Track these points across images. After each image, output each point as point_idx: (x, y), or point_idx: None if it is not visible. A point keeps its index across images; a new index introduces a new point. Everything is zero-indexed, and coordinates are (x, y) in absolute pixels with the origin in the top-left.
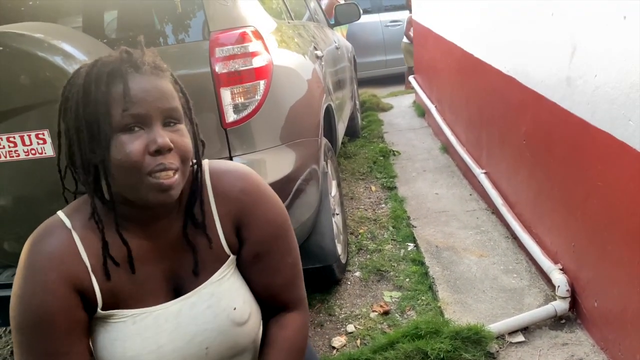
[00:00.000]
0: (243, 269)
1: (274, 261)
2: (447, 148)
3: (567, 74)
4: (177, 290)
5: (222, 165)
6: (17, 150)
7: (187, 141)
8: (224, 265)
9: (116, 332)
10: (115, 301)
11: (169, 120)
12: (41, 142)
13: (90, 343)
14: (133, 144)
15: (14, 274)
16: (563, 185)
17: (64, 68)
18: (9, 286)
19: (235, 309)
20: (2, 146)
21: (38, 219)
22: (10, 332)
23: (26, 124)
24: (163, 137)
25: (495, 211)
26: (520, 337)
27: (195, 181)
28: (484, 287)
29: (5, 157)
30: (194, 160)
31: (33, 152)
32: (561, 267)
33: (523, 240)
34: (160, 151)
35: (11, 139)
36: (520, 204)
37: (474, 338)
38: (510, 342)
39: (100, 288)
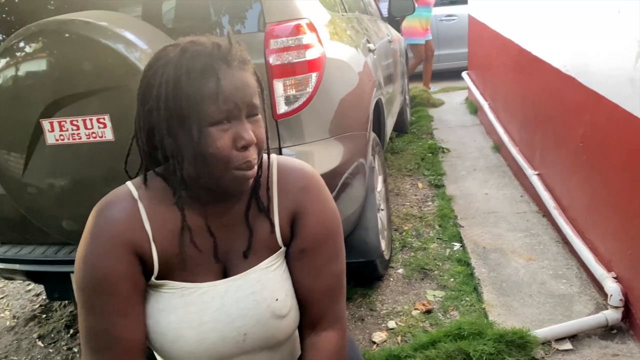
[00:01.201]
0: (289, 263)
1: (318, 262)
2: (499, 147)
3: (632, 75)
4: (225, 271)
5: (289, 162)
6: (79, 134)
7: (263, 132)
8: (274, 255)
9: (164, 303)
10: (168, 272)
11: (251, 113)
12: (102, 126)
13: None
14: (222, 139)
15: (71, 251)
16: (621, 191)
17: (126, 56)
18: (66, 262)
19: (277, 300)
20: (65, 129)
21: (94, 200)
22: (65, 306)
23: (88, 109)
24: (248, 132)
25: (546, 214)
26: (567, 345)
27: (261, 168)
28: (532, 291)
29: (69, 139)
30: None
31: (94, 135)
32: (615, 276)
33: (575, 246)
34: (245, 147)
35: (74, 122)
36: (574, 207)
37: (519, 342)
38: (557, 349)
39: (158, 257)
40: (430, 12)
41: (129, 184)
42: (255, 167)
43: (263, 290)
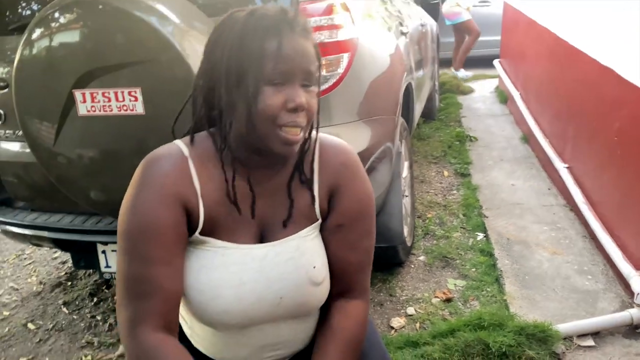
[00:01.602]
0: (324, 236)
1: (352, 237)
2: (528, 138)
3: None
4: (262, 236)
5: (330, 139)
6: (110, 106)
7: (316, 103)
8: (311, 226)
9: (205, 260)
10: (212, 230)
11: (306, 81)
12: (133, 99)
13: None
14: (275, 97)
15: (98, 222)
16: None
17: (159, 29)
18: (93, 232)
19: (314, 267)
20: (97, 100)
21: (122, 172)
22: (90, 275)
23: (120, 82)
24: (301, 97)
25: (574, 208)
26: (589, 341)
27: (308, 141)
28: (555, 285)
29: (100, 111)
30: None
31: (125, 108)
32: None
33: (602, 242)
34: (295, 109)
35: (106, 94)
36: (604, 203)
37: (540, 336)
38: (579, 345)
39: (205, 212)
40: None
41: (178, 142)
42: (302, 134)
43: (302, 257)
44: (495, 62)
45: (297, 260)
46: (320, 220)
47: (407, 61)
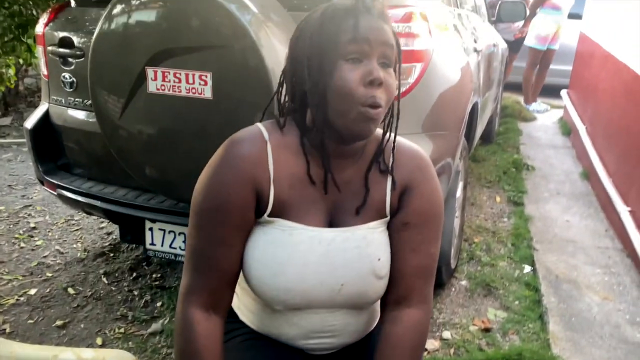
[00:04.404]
0: (390, 234)
1: (417, 239)
2: (588, 174)
3: None
4: (331, 222)
5: (407, 142)
6: (179, 87)
7: (394, 82)
8: (380, 220)
9: (273, 236)
10: (281, 211)
11: (383, 60)
12: (203, 83)
13: (247, 242)
14: (353, 73)
15: (150, 199)
16: None
17: (237, 16)
18: (144, 208)
19: (379, 259)
20: (168, 80)
21: (178, 153)
22: (132, 249)
23: (192, 64)
24: (378, 70)
25: (632, 254)
26: None
27: (384, 137)
28: (603, 332)
29: (169, 90)
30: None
31: (193, 91)
32: None
33: None
34: (373, 82)
35: (177, 75)
36: None
37: None
38: None
39: (274, 197)
40: (560, 14)
41: (260, 125)
42: (381, 111)
43: (368, 247)
44: (563, 92)
45: (363, 250)
46: (388, 217)
47: (477, 80)
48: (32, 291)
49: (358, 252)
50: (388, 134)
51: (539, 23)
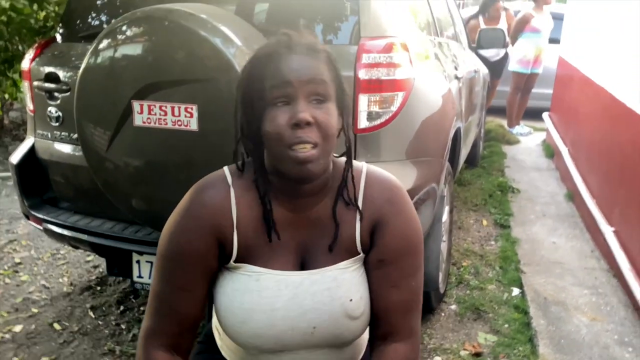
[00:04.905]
0: (367, 272)
1: (395, 275)
2: (573, 196)
3: None
4: (302, 264)
5: (378, 172)
6: (165, 119)
7: (329, 118)
8: (352, 259)
9: (239, 283)
10: (247, 256)
11: (315, 97)
12: (188, 115)
13: (215, 288)
14: (280, 117)
15: (137, 231)
16: None
17: (222, 50)
18: (131, 241)
19: (351, 300)
20: (154, 113)
21: (165, 185)
22: (119, 282)
23: (177, 97)
24: (303, 111)
25: (617, 274)
26: None
27: (349, 170)
28: (592, 353)
29: (155, 123)
30: (347, 145)
31: (179, 123)
32: None
33: None
34: (298, 124)
35: (163, 108)
36: None
37: None
38: None
39: (238, 243)
40: (540, 37)
41: (225, 169)
42: (315, 151)
43: (339, 289)
44: (545, 115)
45: (334, 292)
46: (362, 255)
47: (459, 106)
48: (18, 328)
49: (329, 294)
50: (351, 165)
51: (520, 47)
